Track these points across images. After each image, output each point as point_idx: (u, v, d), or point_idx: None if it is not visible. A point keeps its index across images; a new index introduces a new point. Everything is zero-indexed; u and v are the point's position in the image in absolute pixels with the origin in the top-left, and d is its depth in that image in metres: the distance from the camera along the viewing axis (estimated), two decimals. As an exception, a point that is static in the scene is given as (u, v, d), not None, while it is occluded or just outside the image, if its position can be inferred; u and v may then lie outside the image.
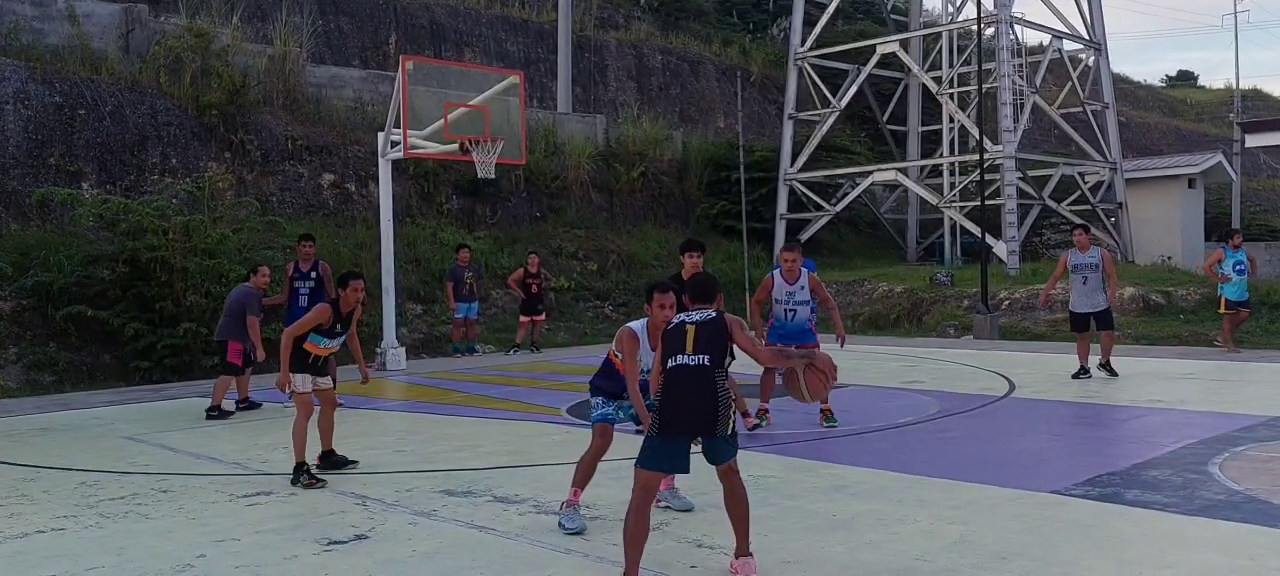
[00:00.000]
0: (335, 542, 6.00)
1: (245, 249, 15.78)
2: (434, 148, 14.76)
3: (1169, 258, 26.11)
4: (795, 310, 9.65)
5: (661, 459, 5.16)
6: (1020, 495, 6.75)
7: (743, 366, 6.46)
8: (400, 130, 14.23)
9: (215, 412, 11.03)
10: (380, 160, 15.54)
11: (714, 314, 5.33)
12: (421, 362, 16.72)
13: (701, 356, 5.12)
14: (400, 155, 14.81)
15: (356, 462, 8.20)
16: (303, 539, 6.09)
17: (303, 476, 7.57)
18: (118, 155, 17.44)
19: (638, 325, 6.26)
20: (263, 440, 9.59)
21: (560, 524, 6.21)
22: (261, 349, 11.17)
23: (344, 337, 8.05)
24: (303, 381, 7.84)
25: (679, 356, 5.16)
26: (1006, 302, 20.34)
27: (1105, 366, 12.69)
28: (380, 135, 15.58)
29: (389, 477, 7.79)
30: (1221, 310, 15.89)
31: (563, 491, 7.13)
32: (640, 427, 5.89)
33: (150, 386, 14.03)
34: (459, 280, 17.17)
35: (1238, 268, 15.42)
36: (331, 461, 8.09)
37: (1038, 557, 5.41)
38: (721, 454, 5.23)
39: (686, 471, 5.27)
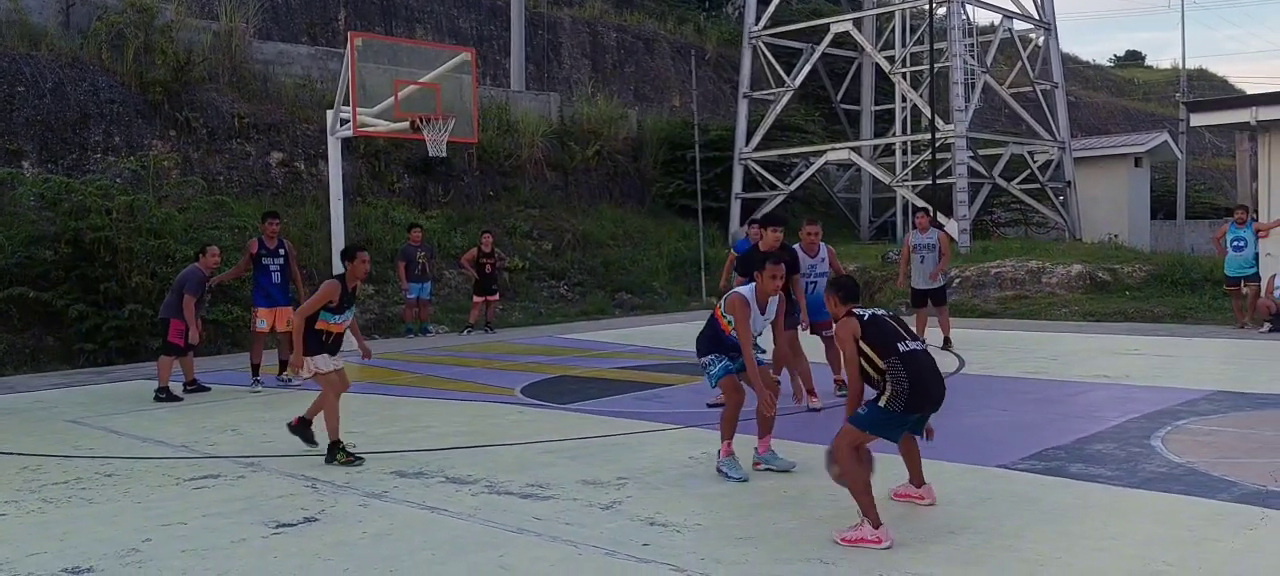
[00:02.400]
0: (284, 525, 5.93)
1: (192, 229, 15.51)
2: (384, 126, 14.59)
3: (1115, 235, 26.57)
4: (816, 282, 9.85)
5: (893, 429, 5.60)
6: (968, 469, 6.84)
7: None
8: (350, 108, 14.04)
9: (163, 395, 10.82)
10: (330, 138, 15.31)
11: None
12: (373, 343, 16.47)
13: (920, 342, 5.66)
14: (350, 133, 14.62)
15: (318, 445, 8.09)
16: (251, 522, 6.01)
17: (339, 454, 7.47)
18: (59, 133, 17.03)
19: (747, 291, 6.66)
20: (209, 423, 9.46)
21: (724, 472, 6.58)
22: (195, 330, 10.95)
23: (352, 312, 7.93)
24: (325, 361, 7.67)
25: (908, 342, 5.55)
26: (957, 280, 20.58)
27: (946, 344, 13.09)
28: (329, 113, 15.34)
29: (325, 459, 7.70)
30: (1226, 288, 16.16)
31: (516, 472, 7.13)
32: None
33: (95, 369, 13.77)
34: (411, 260, 17.02)
35: (1235, 243, 15.67)
36: (302, 432, 7.93)
37: (984, 530, 5.49)
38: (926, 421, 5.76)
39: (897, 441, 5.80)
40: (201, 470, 7.47)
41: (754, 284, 6.70)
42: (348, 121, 14.30)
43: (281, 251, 11.98)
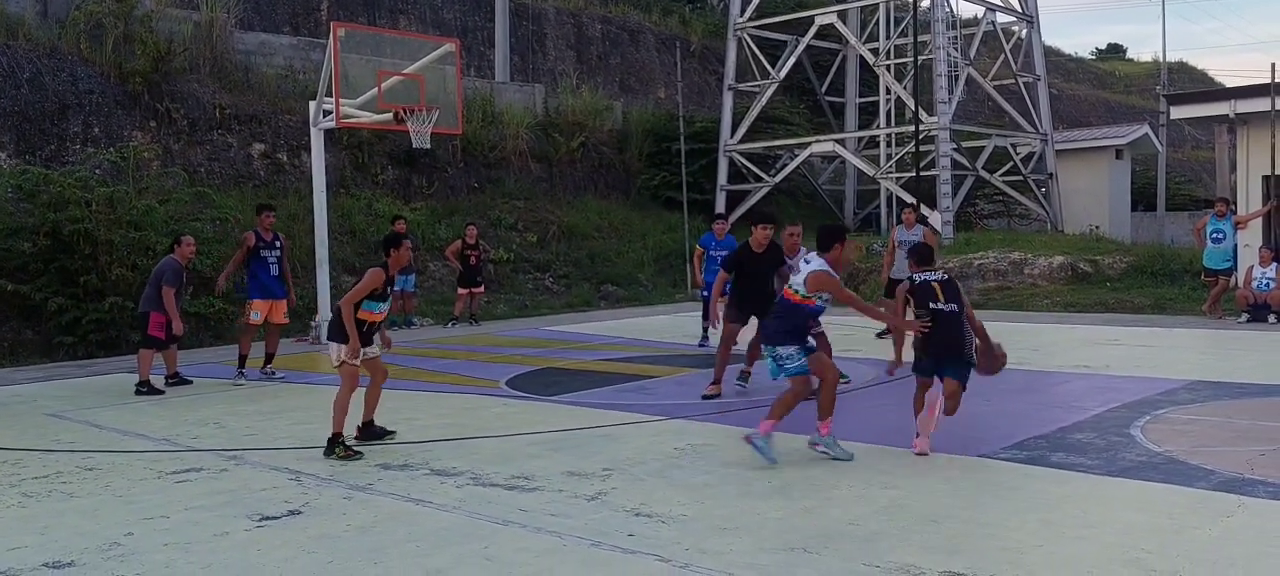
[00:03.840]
0: (268, 518, 5.92)
1: (172, 221, 15.40)
2: (368, 117, 14.53)
3: (1097, 227, 26.71)
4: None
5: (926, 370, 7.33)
6: (950, 459, 6.89)
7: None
8: (332, 99, 13.98)
9: (144, 389, 10.74)
10: (312, 129, 15.24)
11: (945, 274, 7.57)
12: (357, 335, 16.51)
13: (952, 305, 7.20)
14: (333, 125, 14.55)
15: (394, 433, 8.08)
16: (234, 515, 6.00)
17: (337, 448, 7.42)
18: (37, 124, 16.89)
19: (826, 266, 7.13)
20: (191, 416, 9.41)
21: (758, 448, 6.79)
22: (177, 322, 10.84)
23: (388, 303, 7.93)
24: (345, 350, 7.60)
25: (934, 303, 7.17)
26: (941, 272, 20.65)
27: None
28: (312, 104, 15.27)
29: (323, 452, 7.69)
30: (1203, 278, 16.29)
31: (501, 463, 7.13)
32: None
33: (75, 362, 13.68)
34: (395, 252, 16.93)
35: (1214, 236, 15.77)
36: (371, 432, 7.95)
37: (966, 519, 5.52)
38: (955, 374, 7.23)
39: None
40: (184, 463, 7.44)
41: (827, 258, 7.12)
42: (331, 113, 14.24)
43: (278, 243, 11.95)
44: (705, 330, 13.67)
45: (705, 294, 13.05)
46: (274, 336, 11.82)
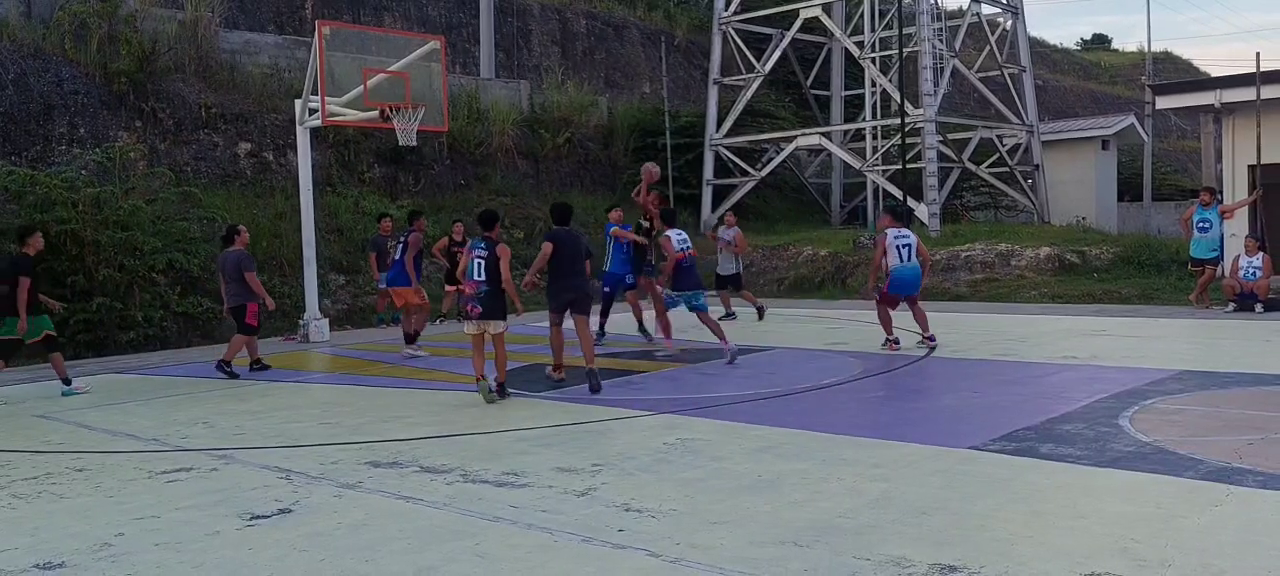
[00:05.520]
0: (258, 517, 5.91)
1: (159, 221, 15.36)
2: (354, 115, 14.49)
3: (1083, 218, 26.83)
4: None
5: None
6: (940, 452, 6.91)
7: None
8: (318, 97, 13.94)
9: (227, 369, 11.59)
10: (298, 128, 15.20)
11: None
12: (345, 334, 16.50)
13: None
14: (319, 123, 14.51)
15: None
16: (224, 514, 5.98)
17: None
18: (22, 125, 16.78)
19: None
20: (180, 415, 9.39)
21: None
22: (269, 299, 12.06)
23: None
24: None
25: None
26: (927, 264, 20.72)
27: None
28: (298, 102, 15.23)
29: (313, 450, 7.69)
30: (1190, 268, 16.34)
31: (491, 460, 7.13)
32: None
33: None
34: (382, 250, 16.90)
35: (1200, 225, 15.81)
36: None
37: (956, 511, 5.55)
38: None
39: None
40: (174, 463, 7.42)
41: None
42: (316, 111, 14.20)
43: (403, 239, 14.12)
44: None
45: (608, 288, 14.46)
46: (408, 319, 13.69)
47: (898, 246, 12.21)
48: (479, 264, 9.57)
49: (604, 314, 14.25)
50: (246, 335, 11.91)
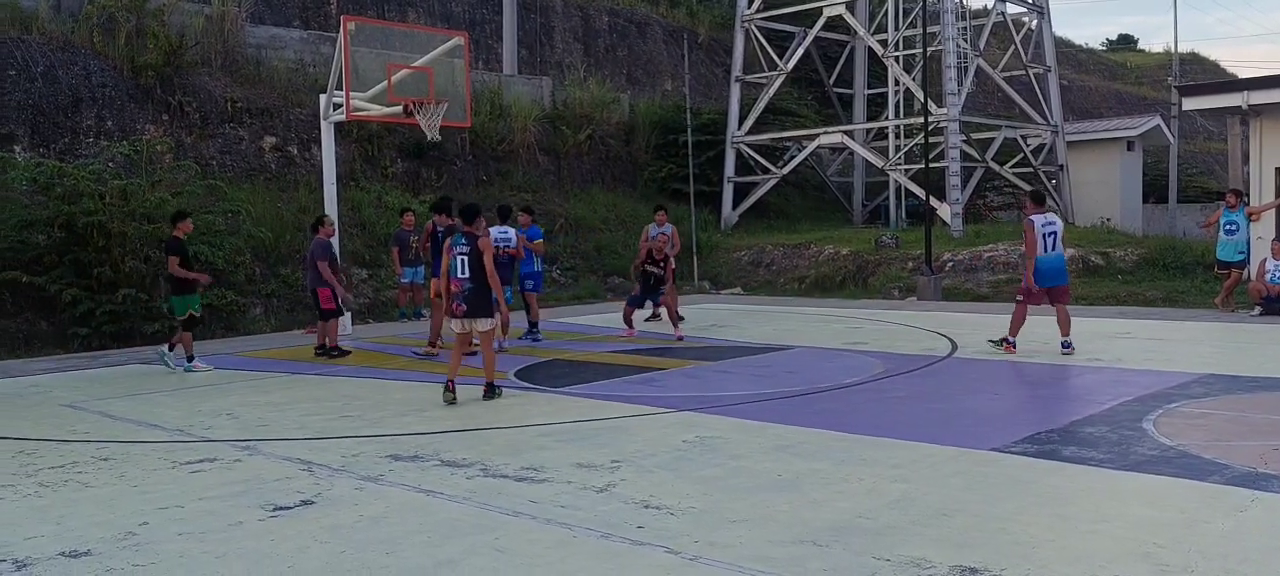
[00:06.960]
0: (281, 508, 5.95)
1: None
2: (377, 110, 14.56)
3: (1108, 219, 26.63)
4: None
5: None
6: (961, 453, 6.88)
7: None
8: (343, 92, 14.01)
9: (334, 352, 12.55)
10: (323, 123, 15.29)
11: None
12: (367, 327, 16.59)
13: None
14: (343, 118, 14.60)
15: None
16: (247, 505, 6.03)
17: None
18: (51, 117, 16.96)
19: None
20: (205, 406, 9.47)
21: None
22: (342, 290, 12.84)
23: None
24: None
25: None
26: (950, 264, 20.63)
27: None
28: (322, 97, 15.32)
29: (335, 443, 7.74)
30: (1216, 271, 16.17)
31: (511, 455, 7.16)
32: None
33: (89, 353, 13.76)
34: (404, 244, 16.98)
35: (1227, 227, 15.63)
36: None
37: (977, 513, 5.52)
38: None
39: None
40: (198, 454, 7.49)
41: None
42: (341, 106, 14.28)
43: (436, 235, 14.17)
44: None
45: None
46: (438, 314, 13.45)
47: (1044, 234, 11.37)
48: (462, 260, 9.38)
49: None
50: (325, 320, 12.74)
